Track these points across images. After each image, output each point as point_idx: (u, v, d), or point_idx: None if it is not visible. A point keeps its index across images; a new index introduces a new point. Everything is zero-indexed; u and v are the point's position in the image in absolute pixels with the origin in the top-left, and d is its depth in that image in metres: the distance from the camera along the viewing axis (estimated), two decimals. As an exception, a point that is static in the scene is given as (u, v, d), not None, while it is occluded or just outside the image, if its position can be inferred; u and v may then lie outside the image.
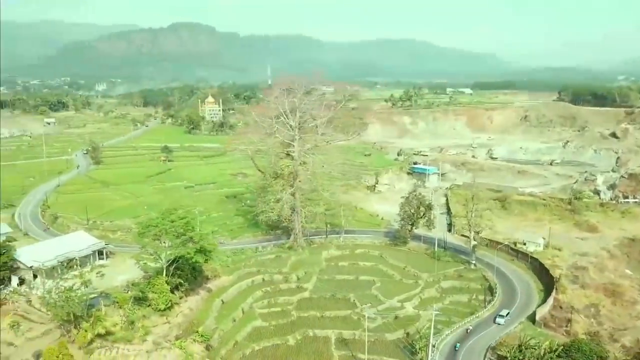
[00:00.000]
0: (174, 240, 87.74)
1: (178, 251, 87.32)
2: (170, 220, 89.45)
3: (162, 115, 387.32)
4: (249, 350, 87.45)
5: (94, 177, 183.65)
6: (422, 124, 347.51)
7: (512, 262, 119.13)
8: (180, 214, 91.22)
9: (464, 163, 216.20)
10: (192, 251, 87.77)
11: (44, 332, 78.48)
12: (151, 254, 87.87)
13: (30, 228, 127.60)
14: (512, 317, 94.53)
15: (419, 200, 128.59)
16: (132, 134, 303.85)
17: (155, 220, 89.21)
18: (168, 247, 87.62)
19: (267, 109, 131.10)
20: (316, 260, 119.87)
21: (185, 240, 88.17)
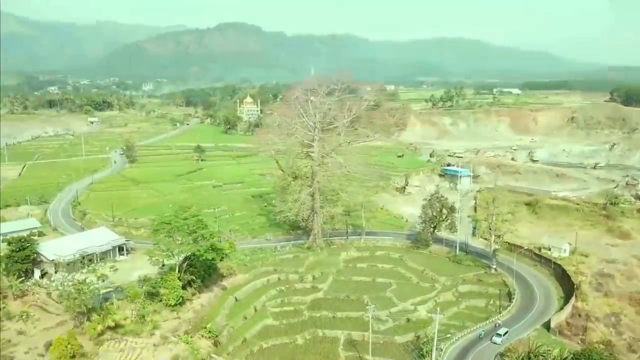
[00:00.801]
0: (186, 237, 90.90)
1: (188, 248, 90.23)
2: (182, 218, 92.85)
3: (202, 115, 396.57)
4: (256, 347, 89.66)
5: (126, 175, 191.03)
6: (463, 124, 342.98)
7: (534, 268, 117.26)
8: (192, 212, 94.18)
9: (499, 165, 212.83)
10: (202, 249, 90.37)
11: (58, 323, 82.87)
12: (163, 250, 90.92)
13: (60, 224, 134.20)
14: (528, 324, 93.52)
15: (441, 202, 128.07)
16: (170, 133, 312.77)
17: (167, 217, 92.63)
18: (179, 244, 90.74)
19: (287, 109, 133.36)
20: (334, 261, 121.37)
21: (196, 238, 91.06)
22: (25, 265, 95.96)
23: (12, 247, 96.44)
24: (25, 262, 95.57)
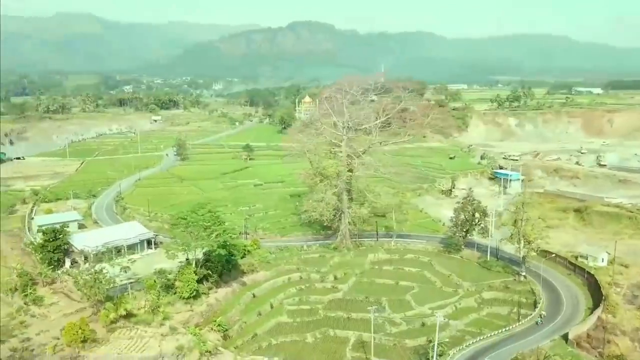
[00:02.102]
0: (201, 232, 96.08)
1: (202, 243, 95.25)
2: (200, 214, 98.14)
3: (262, 115, 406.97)
4: (265, 343, 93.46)
5: (174, 172, 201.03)
6: (530, 126, 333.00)
7: (568, 277, 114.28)
8: (208, 208, 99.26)
9: (556, 169, 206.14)
10: (214, 244, 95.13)
11: (77, 310, 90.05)
12: (180, 245, 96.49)
13: (102, 217, 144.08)
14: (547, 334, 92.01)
15: (473, 206, 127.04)
16: (227, 132, 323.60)
17: (184, 213, 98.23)
18: (194, 239, 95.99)
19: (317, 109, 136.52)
20: (359, 262, 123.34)
21: (210, 234, 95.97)
22: (57, 255, 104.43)
23: (46, 237, 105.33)
24: (56, 252, 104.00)
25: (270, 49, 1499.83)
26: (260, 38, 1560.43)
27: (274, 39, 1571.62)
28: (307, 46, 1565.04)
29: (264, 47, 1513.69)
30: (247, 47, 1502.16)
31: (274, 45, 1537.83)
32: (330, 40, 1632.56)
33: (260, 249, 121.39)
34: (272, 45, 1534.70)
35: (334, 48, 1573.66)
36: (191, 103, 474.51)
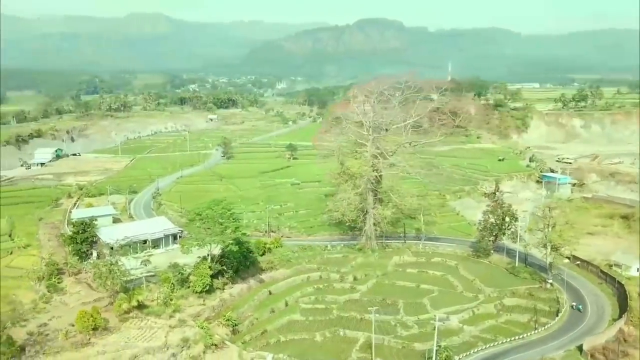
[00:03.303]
0: (214, 228, 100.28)
1: (215, 239, 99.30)
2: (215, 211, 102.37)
3: (316, 114, 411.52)
4: (274, 339, 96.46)
5: (216, 170, 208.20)
6: (596, 127, 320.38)
7: (598, 286, 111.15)
8: (224, 205, 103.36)
9: (612, 174, 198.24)
10: (226, 240, 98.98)
11: (96, 299, 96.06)
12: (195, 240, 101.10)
13: (139, 212, 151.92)
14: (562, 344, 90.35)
15: (503, 210, 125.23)
16: (279, 131, 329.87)
17: (199, 209, 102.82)
18: (208, 234, 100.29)
19: (345, 108, 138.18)
20: (382, 264, 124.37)
21: (223, 230, 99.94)
22: (85, 247, 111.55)
23: (75, 229, 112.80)
24: (84, 244, 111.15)
25: (337, 48, 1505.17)
26: (326, 36, 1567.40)
27: (340, 37, 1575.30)
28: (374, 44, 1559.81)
29: (330, 45, 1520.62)
30: (313, 45, 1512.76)
31: (341, 43, 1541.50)
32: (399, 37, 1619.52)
33: (281, 247, 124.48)
34: (339, 44, 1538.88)
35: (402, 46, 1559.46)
36: (250, 102, 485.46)
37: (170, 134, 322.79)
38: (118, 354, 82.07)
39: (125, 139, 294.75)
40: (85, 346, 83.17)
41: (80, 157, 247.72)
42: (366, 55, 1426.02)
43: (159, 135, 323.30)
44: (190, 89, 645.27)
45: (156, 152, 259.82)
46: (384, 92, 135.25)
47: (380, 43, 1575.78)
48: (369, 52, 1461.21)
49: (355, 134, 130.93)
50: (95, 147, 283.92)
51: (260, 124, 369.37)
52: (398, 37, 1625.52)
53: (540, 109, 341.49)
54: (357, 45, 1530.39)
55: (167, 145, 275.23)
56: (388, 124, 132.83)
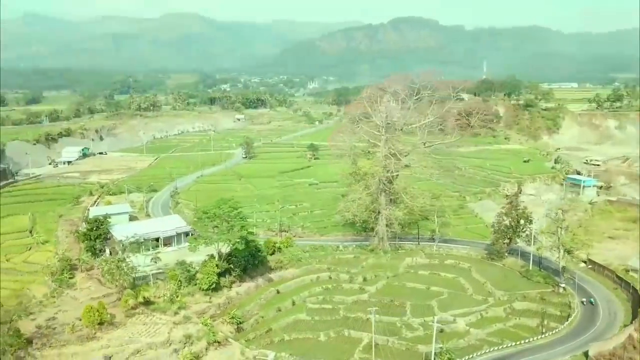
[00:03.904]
0: (221, 226, 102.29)
1: (222, 237, 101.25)
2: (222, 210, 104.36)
3: (342, 114, 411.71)
4: (278, 338, 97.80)
5: (236, 170, 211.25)
6: (632, 128, 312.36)
7: (613, 291, 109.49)
8: (231, 204, 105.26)
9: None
10: (232, 239, 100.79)
11: (105, 295, 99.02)
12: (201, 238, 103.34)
13: (156, 210, 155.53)
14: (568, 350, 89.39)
15: (518, 212, 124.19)
16: (305, 131, 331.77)
17: (206, 207, 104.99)
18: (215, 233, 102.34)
19: (357, 108, 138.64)
20: (394, 265, 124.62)
21: (230, 228, 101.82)
22: (98, 243, 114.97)
23: (89, 226, 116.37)
24: (97, 240, 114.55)
25: (370, 47, 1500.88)
26: (360, 35, 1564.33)
27: (374, 36, 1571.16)
28: (409, 43, 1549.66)
29: (364, 44, 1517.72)
30: (347, 44, 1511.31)
31: (375, 42, 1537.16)
32: (434, 36, 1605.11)
33: (292, 247, 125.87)
34: (373, 43, 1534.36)
35: (438, 45, 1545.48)
36: (278, 102, 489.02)
37: (197, 133, 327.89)
38: (121, 349, 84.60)
39: (152, 138, 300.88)
40: (91, 340, 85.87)
41: (106, 155, 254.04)
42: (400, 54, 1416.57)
43: (185, 134, 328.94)
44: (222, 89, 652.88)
45: (180, 151, 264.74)
46: (398, 92, 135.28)
47: (415, 42, 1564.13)
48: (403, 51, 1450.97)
49: (368, 134, 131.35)
50: (123, 146, 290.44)
51: (287, 124, 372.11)
52: (433, 35, 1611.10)
53: (574, 109, 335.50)
54: (392, 44, 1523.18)
55: (192, 145, 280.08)
56: (402, 124, 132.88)
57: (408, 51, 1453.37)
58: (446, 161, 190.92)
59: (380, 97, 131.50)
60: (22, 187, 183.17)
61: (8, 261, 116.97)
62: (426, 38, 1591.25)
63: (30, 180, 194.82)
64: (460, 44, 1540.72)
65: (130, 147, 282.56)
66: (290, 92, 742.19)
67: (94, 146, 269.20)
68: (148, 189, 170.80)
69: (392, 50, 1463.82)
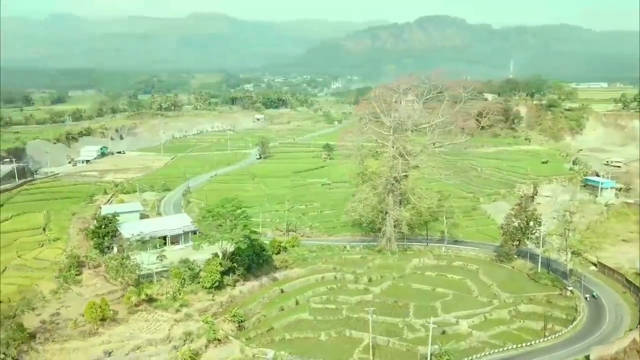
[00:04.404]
0: (224, 225, 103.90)
1: (224, 236, 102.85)
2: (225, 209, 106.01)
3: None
4: (279, 337, 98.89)
5: (251, 170, 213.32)
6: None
7: (622, 295, 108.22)
8: (235, 203, 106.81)
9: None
10: (235, 238, 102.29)
11: (109, 292, 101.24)
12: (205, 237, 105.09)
13: (168, 209, 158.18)
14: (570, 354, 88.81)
15: (527, 214, 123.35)
16: (323, 131, 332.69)
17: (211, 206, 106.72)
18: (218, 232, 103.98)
19: (366, 108, 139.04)
20: (400, 266, 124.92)
21: (233, 227, 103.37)
22: (106, 241, 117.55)
23: (98, 224, 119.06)
24: (105, 238, 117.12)
25: (396, 46, 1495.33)
26: (386, 35, 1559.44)
27: (400, 35, 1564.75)
28: (435, 42, 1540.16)
29: (390, 43, 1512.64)
30: (372, 44, 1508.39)
31: (400, 41, 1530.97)
32: (461, 35, 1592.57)
33: (299, 246, 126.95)
34: (398, 42, 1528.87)
35: (464, 44, 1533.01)
36: (299, 102, 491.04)
37: (216, 133, 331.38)
38: (121, 344, 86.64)
39: (171, 137, 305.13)
40: (92, 336, 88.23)
41: (124, 155, 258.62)
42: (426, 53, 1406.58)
43: (204, 134, 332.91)
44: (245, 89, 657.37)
45: (197, 151, 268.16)
46: (407, 92, 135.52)
47: (441, 41, 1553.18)
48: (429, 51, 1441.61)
49: (376, 134, 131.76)
50: (142, 145, 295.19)
51: (306, 124, 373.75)
52: (460, 34, 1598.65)
53: (600, 109, 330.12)
54: (417, 43, 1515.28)
55: (210, 145, 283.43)
56: (411, 124, 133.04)
57: (434, 50, 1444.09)
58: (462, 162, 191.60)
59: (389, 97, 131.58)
60: (39, 185, 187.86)
61: (19, 257, 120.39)
62: (452, 37, 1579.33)
63: (48, 178, 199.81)
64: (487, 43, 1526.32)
65: (149, 146, 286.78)
66: (313, 92, 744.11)
67: (113, 145, 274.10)
68: (161, 188, 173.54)
69: (418, 50, 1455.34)
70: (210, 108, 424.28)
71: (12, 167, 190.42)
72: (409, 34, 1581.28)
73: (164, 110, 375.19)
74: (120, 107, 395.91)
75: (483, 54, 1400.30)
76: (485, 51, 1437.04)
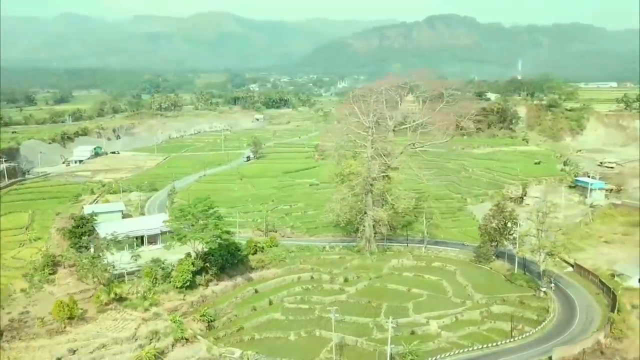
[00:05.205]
0: (196, 225, 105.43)
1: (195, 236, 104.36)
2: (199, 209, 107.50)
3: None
4: (248, 337, 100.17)
5: (240, 170, 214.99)
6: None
7: (596, 296, 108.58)
8: (207, 203, 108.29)
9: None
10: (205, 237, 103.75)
11: (81, 291, 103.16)
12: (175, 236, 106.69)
13: (152, 209, 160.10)
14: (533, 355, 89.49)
15: (504, 215, 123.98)
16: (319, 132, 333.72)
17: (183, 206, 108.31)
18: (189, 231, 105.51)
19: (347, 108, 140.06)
20: (378, 266, 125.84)
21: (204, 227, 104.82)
22: (83, 240, 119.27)
23: (75, 224, 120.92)
24: (82, 237, 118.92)
25: (404, 45, 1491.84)
26: (394, 34, 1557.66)
27: (408, 34, 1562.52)
28: (444, 41, 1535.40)
29: (398, 42, 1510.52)
30: (380, 43, 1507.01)
31: (409, 40, 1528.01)
32: (471, 34, 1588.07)
33: (277, 246, 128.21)
34: (407, 41, 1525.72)
35: (474, 43, 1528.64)
36: (302, 102, 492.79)
37: (213, 133, 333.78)
38: (87, 343, 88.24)
39: (168, 137, 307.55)
40: (59, 334, 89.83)
41: (118, 155, 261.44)
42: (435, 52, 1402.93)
43: (202, 134, 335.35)
44: (250, 89, 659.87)
45: (193, 151, 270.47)
46: (390, 92, 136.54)
47: (451, 40, 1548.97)
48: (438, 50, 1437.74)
49: (355, 135, 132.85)
50: (140, 145, 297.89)
51: (306, 124, 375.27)
52: (470, 33, 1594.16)
53: (603, 109, 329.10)
54: (426, 42, 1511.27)
55: (206, 145, 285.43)
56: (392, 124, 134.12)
57: (443, 50, 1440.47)
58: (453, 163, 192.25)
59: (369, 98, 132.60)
60: (29, 185, 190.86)
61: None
62: (462, 36, 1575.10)
63: (38, 178, 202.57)
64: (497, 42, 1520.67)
65: (145, 146, 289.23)
66: (318, 91, 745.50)
67: (110, 145, 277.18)
68: (149, 188, 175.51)
69: (427, 49, 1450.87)
70: (212, 108, 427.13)
71: (1, 167, 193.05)
72: (418, 33, 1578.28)
73: (163, 110, 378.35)
74: (123, 107, 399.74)
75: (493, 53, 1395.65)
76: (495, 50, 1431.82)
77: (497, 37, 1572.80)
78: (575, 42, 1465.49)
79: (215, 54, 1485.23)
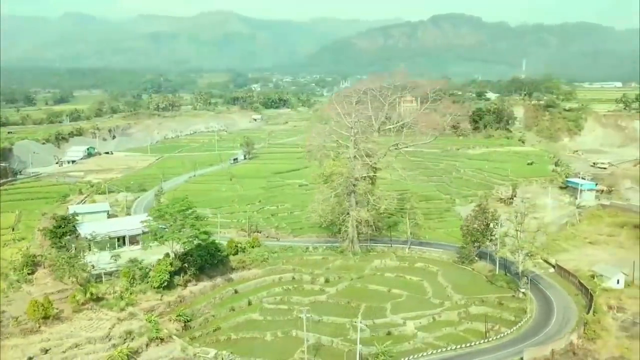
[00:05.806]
0: (173, 225, 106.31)
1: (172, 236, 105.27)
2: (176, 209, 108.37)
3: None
4: (224, 337, 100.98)
5: (231, 170, 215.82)
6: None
7: (574, 297, 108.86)
8: (184, 203, 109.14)
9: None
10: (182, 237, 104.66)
11: (59, 291, 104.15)
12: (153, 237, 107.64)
13: (139, 210, 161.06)
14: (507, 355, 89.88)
15: (485, 215, 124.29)
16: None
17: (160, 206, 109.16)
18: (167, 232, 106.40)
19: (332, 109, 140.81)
20: (361, 267, 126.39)
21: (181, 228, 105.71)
22: (64, 240, 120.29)
23: (56, 224, 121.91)
24: (63, 237, 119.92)
25: (409, 44, 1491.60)
26: (398, 33, 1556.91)
27: (413, 33, 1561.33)
28: (449, 41, 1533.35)
29: (402, 42, 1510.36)
30: (384, 42, 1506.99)
31: (413, 40, 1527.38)
32: (476, 33, 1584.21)
33: (259, 247, 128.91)
34: (411, 41, 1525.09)
35: (480, 42, 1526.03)
36: (301, 102, 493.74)
37: (209, 133, 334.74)
38: (60, 342, 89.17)
39: (163, 138, 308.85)
40: (33, 333, 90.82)
41: (111, 155, 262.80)
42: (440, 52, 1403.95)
43: (197, 134, 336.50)
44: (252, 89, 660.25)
45: (187, 151, 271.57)
46: (374, 92, 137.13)
47: (456, 39, 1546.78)
48: (443, 49, 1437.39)
49: (337, 135, 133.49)
50: (135, 145, 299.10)
51: (304, 124, 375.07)
52: (475, 33, 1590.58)
53: (603, 109, 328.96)
54: (431, 42, 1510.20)
55: (200, 145, 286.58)
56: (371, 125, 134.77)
57: (448, 49, 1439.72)
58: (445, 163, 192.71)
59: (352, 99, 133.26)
60: (19, 185, 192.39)
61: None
62: (467, 35, 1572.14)
63: (29, 178, 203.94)
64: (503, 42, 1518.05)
65: (140, 146, 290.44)
66: (320, 91, 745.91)
67: (105, 145, 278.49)
68: (138, 189, 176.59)
69: (432, 48, 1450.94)
70: (210, 108, 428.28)
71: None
72: (423, 32, 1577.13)
73: (161, 110, 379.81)
74: (122, 108, 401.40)
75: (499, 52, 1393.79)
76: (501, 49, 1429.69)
77: (503, 37, 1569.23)
78: (582, 41, 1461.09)
79: (220, 53, 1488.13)
